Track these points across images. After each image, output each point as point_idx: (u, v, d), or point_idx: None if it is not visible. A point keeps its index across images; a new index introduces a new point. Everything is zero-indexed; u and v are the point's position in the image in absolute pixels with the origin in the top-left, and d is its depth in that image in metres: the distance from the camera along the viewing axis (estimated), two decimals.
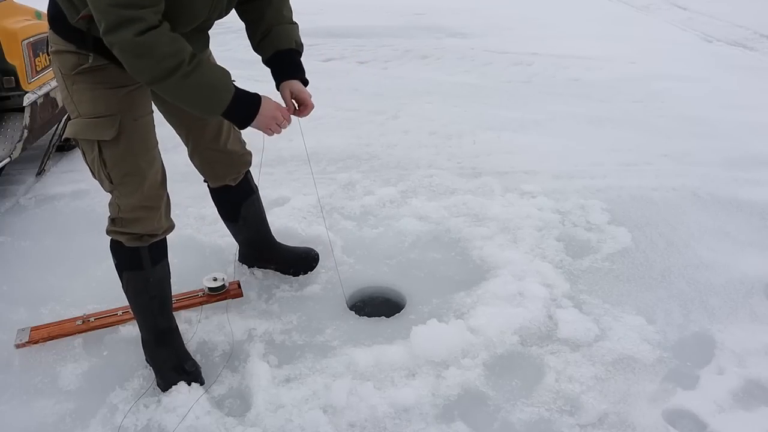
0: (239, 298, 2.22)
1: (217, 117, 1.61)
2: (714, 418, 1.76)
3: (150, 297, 1.85)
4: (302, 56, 1.81)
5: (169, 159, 1.91)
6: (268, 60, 1.79)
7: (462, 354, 1.96)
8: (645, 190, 3.09)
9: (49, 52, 1.63)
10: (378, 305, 2.31)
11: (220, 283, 2.20)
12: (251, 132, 2.14)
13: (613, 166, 3.40)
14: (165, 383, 1.83)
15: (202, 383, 1.86)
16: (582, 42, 6.46)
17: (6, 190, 3.11)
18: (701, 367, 1.96)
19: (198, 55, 1.48)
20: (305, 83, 1.80)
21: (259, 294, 2.27)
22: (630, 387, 1.87)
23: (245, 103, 1.61)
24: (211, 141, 1.98)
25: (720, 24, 7.72)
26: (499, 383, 1.88)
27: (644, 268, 2.46)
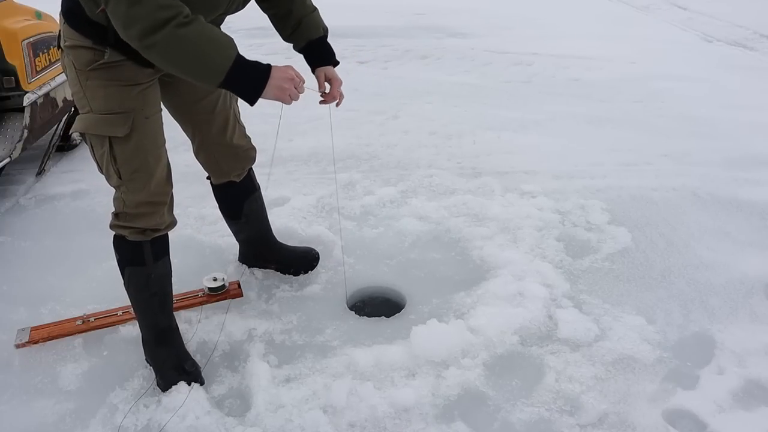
0: (239, 298, 2.22)
1: (219, 86, 1.45)
2: (714, 418, 1.76)
3: (151, 294, 1.85)
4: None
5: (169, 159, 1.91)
6: (302, 49, 1.91)
7: (462, 354, 1.96)
8: (645, 190, 3.09)
9: (62, 47, 1.62)
10: (378, 305, 2.31)
11: (220, 283, 2.20)
12: (252, 132, 2.14)
13: (613, 166, 3.40)
14: (165, 383, 1.83)
15: (202, 383, 1.86)
16: (582, 42, 6.47)
17: (6, 190, 3.10)
18: (701, 367, 1.96)
19: (198, 16, 1.40)
20: (336, 64, 1.93)
21: (259, 294, 2.27)
22: (630, 387, 1.87)
23: (252, 68, 1.48)
24: (218, 135, 1.98)
25: (720, 24, 7.73)
26: (499, 383, 1.88)
27: (644, 268, 2.46)
